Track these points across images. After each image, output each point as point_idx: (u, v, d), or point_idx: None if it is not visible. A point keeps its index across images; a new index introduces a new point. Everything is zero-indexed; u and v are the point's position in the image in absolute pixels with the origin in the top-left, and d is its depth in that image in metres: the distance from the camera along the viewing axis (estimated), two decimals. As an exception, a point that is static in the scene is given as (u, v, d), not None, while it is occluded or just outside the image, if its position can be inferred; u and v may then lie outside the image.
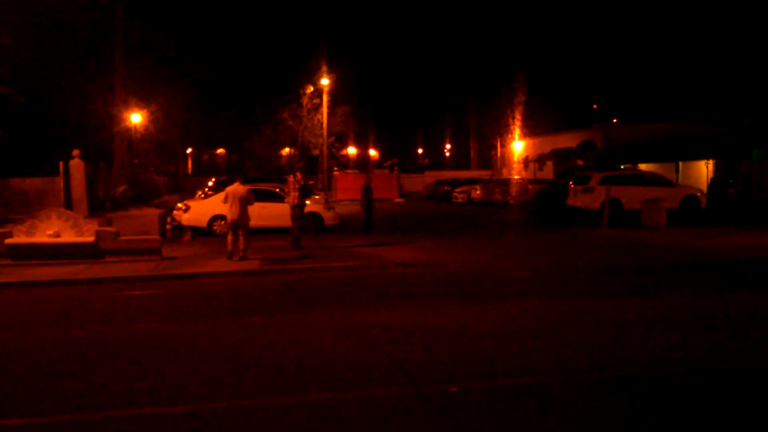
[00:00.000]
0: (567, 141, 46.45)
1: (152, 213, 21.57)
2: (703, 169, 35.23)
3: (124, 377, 6.85)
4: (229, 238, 15.92)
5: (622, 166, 36.20)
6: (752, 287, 11.91)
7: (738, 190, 29.86)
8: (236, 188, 16.00)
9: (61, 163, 19.44)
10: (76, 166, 19.32)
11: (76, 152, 19.46)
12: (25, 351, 8.04)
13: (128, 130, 35.18)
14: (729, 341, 7.88)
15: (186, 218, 21.58)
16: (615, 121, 51.22)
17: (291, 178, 17.64)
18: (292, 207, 17.42)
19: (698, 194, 26.74)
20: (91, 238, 15.69)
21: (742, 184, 29.62)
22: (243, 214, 15.75)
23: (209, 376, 6.82)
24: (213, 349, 7.93)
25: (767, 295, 10.99)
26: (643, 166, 36.04)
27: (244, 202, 15.83)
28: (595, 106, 66.77)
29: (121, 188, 23.97)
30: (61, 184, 19.42)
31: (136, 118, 36.63)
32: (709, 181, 33.27)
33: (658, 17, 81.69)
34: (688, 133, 35.99)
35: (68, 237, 15.78)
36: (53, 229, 15.69)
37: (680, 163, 36.05)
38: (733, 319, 9.11)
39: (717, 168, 34.50)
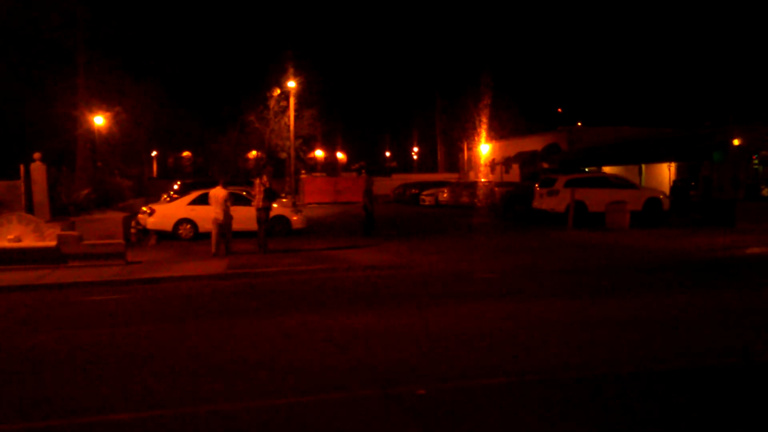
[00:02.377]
0: (533, 144, 46.92)
1: (116, 217, 21.25)
2: (666, 172, 35.84)
3: (87, 383, 6.75)
4: (214, 239, 16.85)
5: (586, 169, 36.66)
6: (710, 287, 12.12)
7: (699, 192, 30.43)
8: (218, 191, 17.00)
9: (21, 167, 19.05)
10: (38, 169, 18.95)
11: (37, 155, 19.08)
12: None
13: (91, 132, 34.63)
14: (692, 341, 8.03)
15: (151, 222, 21.31)
16: (580, 124, 51.90)
17: (257, 181, 17.55)
18: (258, 210, 17.32)
19: (661, 196, 27.18)
20: (53, 243, 15.41)
21: (704, 187, 30.19)
22: (226, 216, 16.84)
23: (175, 381, 6.75)
24: (178, 354, 7.84)
25: (723, 295, 11.20)
26: (607, 169, 36.55)
27: (226, 204, 16.87)
28: (560, 110, 67.52)
29: (84, 192, 23.56)
30: (22, 188, 19.02)
31: (99, 120, 36.07)
32: (671, 183, 33.90)
33: (622, 23, 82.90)
34: (651, 137, 36.59)
35: (30, 241, 15.49)
36: (14, 234, 15.40)
37: (643, 166, 36.63)
38: (693, 319, 9.29)
39: (679, 171, 35.13)
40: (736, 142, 25.29)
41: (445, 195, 40.19)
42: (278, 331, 9.01)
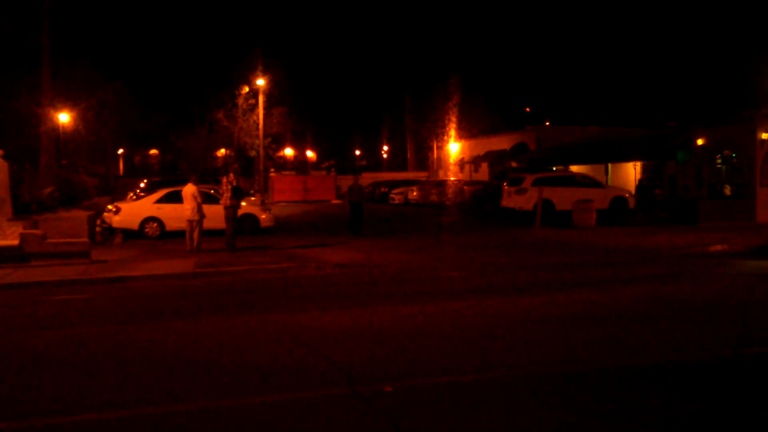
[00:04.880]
0: (501, 143, 47.24)
1: (81, 215, 20.90)
2: (632, 171, 36.34)
3: (51, 383, 6.65)
4: (187, 235, 17.43)
5: (554, 168, 37.00)
6: (669, 282, 12.33)
7: (664, 191, 30.91)
8: (189, 188, 17.57)
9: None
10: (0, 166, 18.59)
11: (-1, 152, 18.73)
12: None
13: (56, 129, 34.09)
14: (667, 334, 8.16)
15: (117, 220, 21.03)
16: (548, 123, 52.41)
17: (224, 180, 17.47)
18: (226, 208, 17.21)
19: (627, 195, 27.54)
20: (15, 242, 15.14)
21: (669, 186, 30.67)
22: (196, 212, 17.32)
23: (141, 381, 6.67)
24: (144, 354, 7.75)
25: (681, 287, 11.41)
26: (574, 168, 36.91)
27: (196, 200, 17.36)
28: (528, 110, 68.14)
29: (48, 190, 23.20)
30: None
31: (64, 117, 35.54)
32: (637, 182, 34.38)
33: (589, 24, 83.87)
34: (618, 136, 37.04)
35: (-9, 240, 15.19)
36: (-26, 233, 15.08)
37: (609, 165, 37.07)
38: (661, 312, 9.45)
39: (644, 170, 35.62)
40: (699, 141, 25.69)
41: (414, 194, 40.28)
42: (246, 330, 8.95)
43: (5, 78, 31.14)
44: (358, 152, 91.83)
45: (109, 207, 22.42)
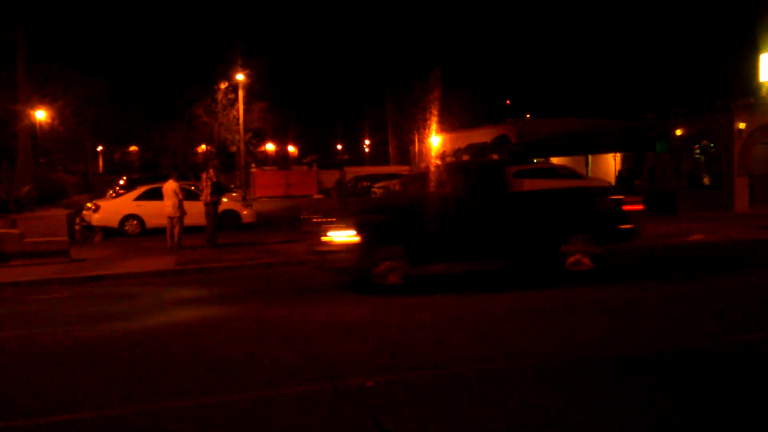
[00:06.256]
0: (482, 136, 47.32)
1: (60, 213, 20.67)
2: (612, 162, 36.53)
3: (28, 384, 6.60)
4: (168, 232, 17.30)
5: (535, 160, 37.10)
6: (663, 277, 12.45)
7: (644, 182, 31.13)
8: (169, 185, 17.49)
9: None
10: (-24, 165, 18.38)
11: (-25, 151, 18.50)
12: None
13: (33, 127, 33.66)
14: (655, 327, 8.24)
15: (96, 218, 20.87)
16: (528, 116, 52.60)
17: (204, 176, 17.35)
18: (206, 205, 17.09)
19: (607, 186, 27.68)
20: (-7, 241, 14.96)
21: (648, 177, 30.89)
22: (177, 208, 17.20)
23: (124, 380, 6.63)
24: (126, 353, 7.71)
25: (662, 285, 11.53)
26: (555, 160, 37.04)
27: (177, 196, 17.27)
28: (508, 102, 68.36)
29: (26, 188, 22.87)
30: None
31: (41, 114, 35.13)
32: (617, 173, 34.58)
33: (568, 16, 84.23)
34: (598, 128, 37.21)
35: (-32, 240, 14.99)
36: (-49, 232, 14.89)
37: (590, 157, 37.27)
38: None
39: (624, 161, 35.84)
40: (678, 132, 25.90)
41: (396, 187, 40.30)
42: (224, 326, 8.93)
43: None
44: (339, 146, 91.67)
45: (89, 205, 22.22)
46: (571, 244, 11.37)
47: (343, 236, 10.54)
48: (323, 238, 10.86)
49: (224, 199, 20.04)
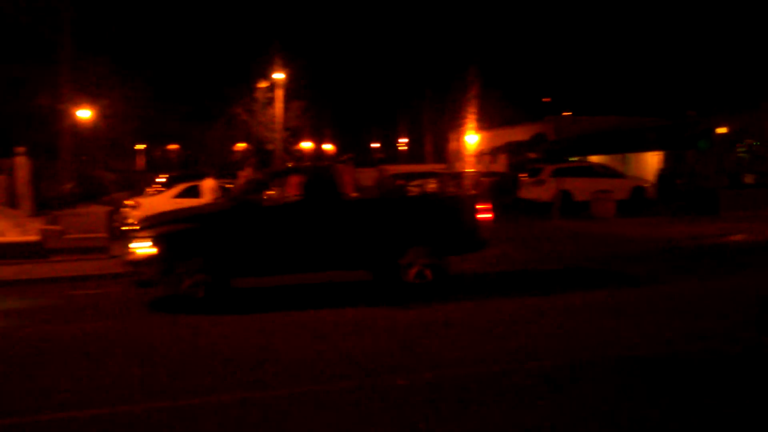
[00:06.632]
0: (520, 134, 47.01)
1: (100, 211, 21.05)
2: (651, 161, 36.00)
3: (72, 377, 6.73)
4: None
5: (572, 159, 36.76)
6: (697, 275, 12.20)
7: (685, 180, 30.59)
8: (208, 182, 17.79)
9: (5, 160, 18.92)
10: (21, 162, 18.81)
11: (20, 149, 18.93)
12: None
13: (76, 126, 34.34)
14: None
15: (136, 216, 21.16)
16: (566, 114, 52.00)
17: (242, 174, 17.53)
18: (244, 202, 17.24)
19: (646, 185, 27.30)
20: (35, 237, 15.31)
21: (689, 175, 30.36)
22: None
23: (156, 376, 6.73)
24: (161, 349, 7.82)
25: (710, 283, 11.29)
26: (593, 158, 36.66)
27: (215, 194, 17.39)
28: (547, 100, 67.55)
29: (68, 185, 23.41)
30: (5, 182, 18.88)
31: (84, 113, 35.77)
32: (658, 172, 34.06)
33: (609, 13, 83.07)
34: (637, 126, 36.71)
35: (12, 236, 15.38)
36: (-4, 228, 15.28)
37: (630, 155, 36.77)
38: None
39: (665, 159, 35.29)
40: (720, 130, 25.44)
41: (432, 185, 40.15)
42: (260, 324, 9.01)
43: (25, 74, 31.40)
44: (376, 145, 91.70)
45: (128, 202, 22.58)
46: (411, 256, 10.50)
47: (143, 248, 9.80)
48: (129, 249, 10.09)
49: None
